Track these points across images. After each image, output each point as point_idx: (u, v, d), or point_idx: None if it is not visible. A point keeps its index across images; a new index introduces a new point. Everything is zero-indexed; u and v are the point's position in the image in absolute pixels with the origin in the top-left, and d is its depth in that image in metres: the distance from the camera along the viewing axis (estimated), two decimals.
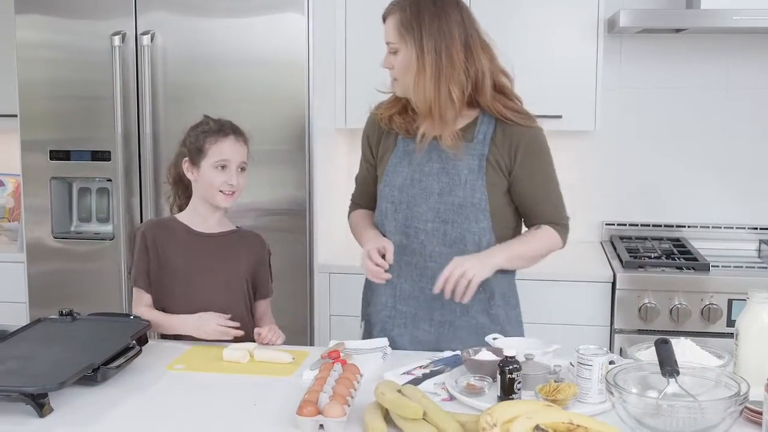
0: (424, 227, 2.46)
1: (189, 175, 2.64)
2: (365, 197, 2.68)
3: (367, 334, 2.63)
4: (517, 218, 2.55)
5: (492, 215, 2.43)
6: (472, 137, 2.44)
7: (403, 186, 2.48)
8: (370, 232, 2.55)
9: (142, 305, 2.60)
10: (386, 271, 2.43)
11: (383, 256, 2.43)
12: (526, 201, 2.50)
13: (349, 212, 2.75)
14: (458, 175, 2.42)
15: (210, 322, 2.49)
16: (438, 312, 2.49)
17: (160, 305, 2.62)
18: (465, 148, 2.43)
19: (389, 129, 2.54)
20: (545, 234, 2.51)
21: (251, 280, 2.72)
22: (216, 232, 2.68)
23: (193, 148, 2.62)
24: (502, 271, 2.47)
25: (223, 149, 2.60)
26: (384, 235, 2.53)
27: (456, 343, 2.43)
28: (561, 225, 2.53)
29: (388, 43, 2.43)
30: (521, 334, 2.57)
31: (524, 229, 2.59)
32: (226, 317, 2.51)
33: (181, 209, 2.74)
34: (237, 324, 2.51)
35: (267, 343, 2.49)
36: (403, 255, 2.48)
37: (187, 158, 2.63)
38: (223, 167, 2.59)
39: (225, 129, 2.64)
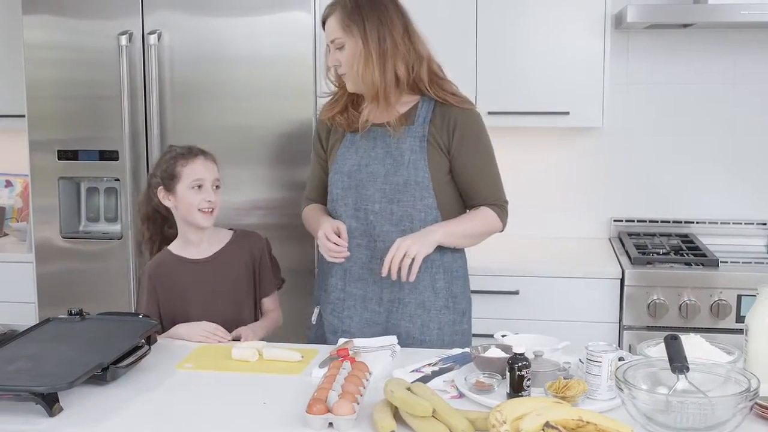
0: (373, 208, 2.58)
1: (167, 203, 2.71)
2: (317, 191, 2.79)
3: (320, 318, 2.72)
4: (462, 199, 2.67)
5: (436, 193, 2.57)
6: (413, 120, 2.58)
7: (351, 171, 2.60)
8: (323, 218, 2.64)
9: None
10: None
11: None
12: (464, 180, 2.61)
13: (303, 208, 2.84)
14: (401, 156, 2.55)
15: (198, 328, 2.58)
16: (387, 290, 2.61)
17: None
18: (407, 131, 2.57)
19: (336, 128, 2.68)
20: (483, 214, 2.62)
21: (256, 282, 2.79)
22: (212, 254, 2.75)
23: (166, 175, 2.70)
24: (448, 249, 2.60)
25: (196, 169, 2.69)
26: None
27: (405, 320, 2.60)
28: (499, 206, 2.64)
29: (332, 41, 2.56)
30: (468, 311, 2.70)
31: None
32: (215, 325, 2.58)
33: (153, 245, 2.81)
34: (221, 331, 2.57)
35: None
36: (354, 237, 2.60)
37: (161, 187, 2.70)
38: (199, 186, 2.67)
39: (193, 150, 2.73)
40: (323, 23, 2.59)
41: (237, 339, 2.58)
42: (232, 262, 2.75)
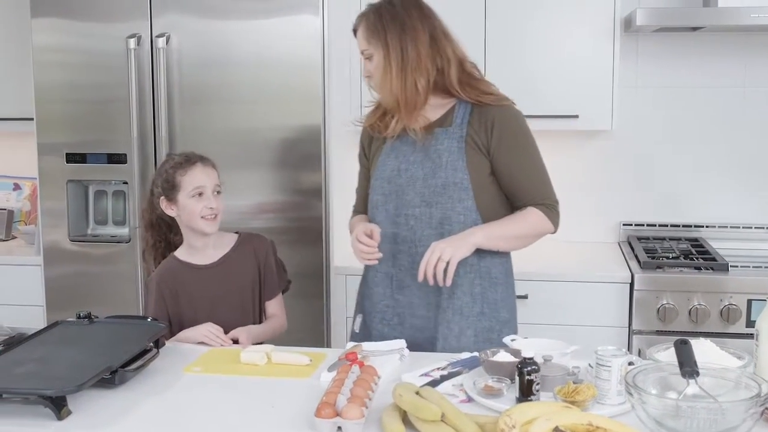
0: (412, 212, 2.53)
1: (169, 212, 2.71)
2: (364, 202, 2.73)
3: (365, 327, 2.68)
4: (508, 201, 2.58)
5: (476, 195, 2.49)
6: (451, 122, 2.53)
7: (391, 177, 2.57)
8: (359, 224, 2.61)
9: None
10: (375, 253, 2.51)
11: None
12: (507, 180, 2.54)
13: (350, 221, 2.82)
14: (439, 158, 2.50)
15: (201, 329, 2.58)
16: (432, 295, 2.55)
17: None
18: (444, 133, 2.52)
19: (377, 135, 2.64)
20: (530, 215, 2.52)
21: (261, 284, 2.79)
22: (218, 259, 2.75)
23: (167, 186, 2.69)
24: (488, 253, 2.53)
25: (195, 177, 2.68)
26: None
27: (443, 326, 2.54)
28: (547, 206, 2.54)
29: (362, 52, 2.54)
30: (512, 321, 2.62)
31: None
32: (218, 328, 2.58)
33: (156, 252, 2.81)
34: (223, 335, 2.57)
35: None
36: (395, 244, 2.56)
37: (163, 197, 2.70)
38: (200, 194, 2.67)
39: (191, 158, 2.72)
40: (354, 33, 2.57)
41: (235, 341, 2.58)
42: (238, 266, 2.75)
